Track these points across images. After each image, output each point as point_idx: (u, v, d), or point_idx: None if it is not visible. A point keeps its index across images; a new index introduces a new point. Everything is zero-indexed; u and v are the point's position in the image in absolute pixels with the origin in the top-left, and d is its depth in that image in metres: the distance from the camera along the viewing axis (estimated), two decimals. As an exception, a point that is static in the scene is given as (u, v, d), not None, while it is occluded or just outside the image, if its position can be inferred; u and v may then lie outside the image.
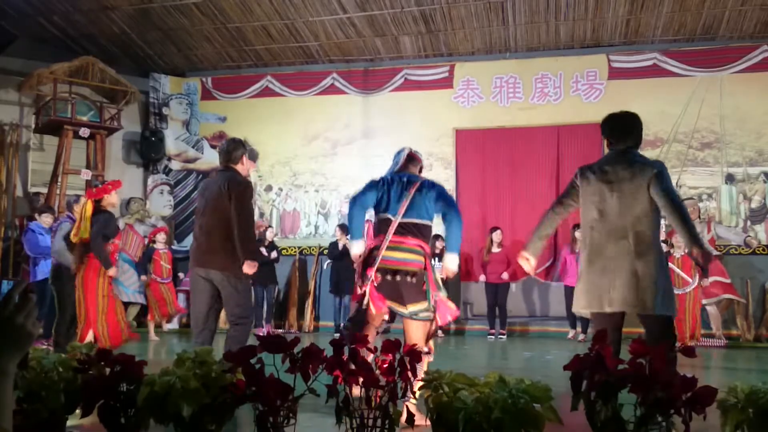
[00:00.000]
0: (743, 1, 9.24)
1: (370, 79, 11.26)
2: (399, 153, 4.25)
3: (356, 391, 2.53)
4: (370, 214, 4.20)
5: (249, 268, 4.60)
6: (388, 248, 3.89)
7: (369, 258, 3.94)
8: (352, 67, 11.36)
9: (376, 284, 3.83)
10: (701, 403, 2.08)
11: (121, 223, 9.10)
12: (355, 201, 4.13)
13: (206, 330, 4.66)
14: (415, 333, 3.87)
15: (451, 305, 4.00)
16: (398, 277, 3.86)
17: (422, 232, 3.98)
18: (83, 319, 6.26)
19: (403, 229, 3.92)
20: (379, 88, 11.20)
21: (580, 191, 3.81)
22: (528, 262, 4.03)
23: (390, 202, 3.99)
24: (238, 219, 4.56)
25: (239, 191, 4.62)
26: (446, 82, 10.94)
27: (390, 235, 3.90)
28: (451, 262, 4.09)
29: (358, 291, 3.92)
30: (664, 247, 4.21)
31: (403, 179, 4.06)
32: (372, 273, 3.83)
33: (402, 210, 3.93)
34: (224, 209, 4.58)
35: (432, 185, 4.06)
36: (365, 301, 3.82)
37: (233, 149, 4.86)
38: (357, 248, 4.03)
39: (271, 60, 11.57)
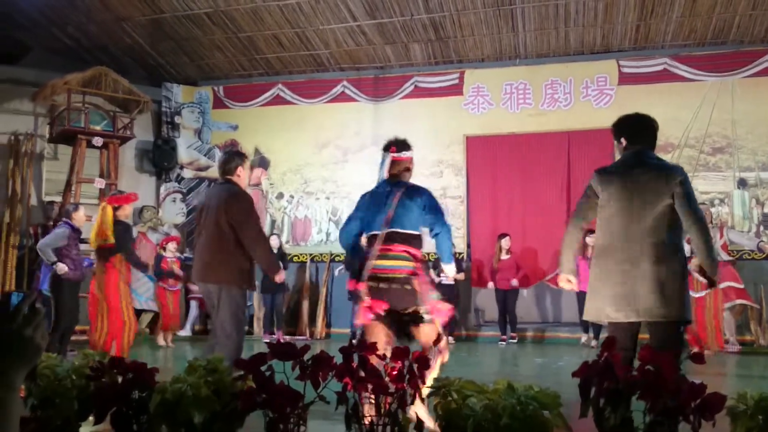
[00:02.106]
0: (754, 5, 9.22)
1: (380, 86, 11.30)
2: (382, 163, 4.19)
3: (367, 409, 2.53)
4: None
5: (278, 278, 4.82)
6: (377, 257, 3.89)
7: (360, 273, 3.94)
8: (362, 75, 11.40)
9: (368, 295, 3.85)
10: (710, 410, 2.08)
11: (134, 232, 9.18)
12: (341, 233, 4.20)
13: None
14: (426, 334, 3.87)
15: (443, 306, 3.96)
16: (390, 285, 3.85)
17: (408, 240, 3.95)
18: (107, 329, 6.33)
19: (390, 239, 3.91)
20: (389, 95, 11.24)
21: (599, 195, 3.69)
22: (571, 283, 3.88)
23: (375, 217, 3.99)
24: (245, 233, 4.58)
25: (237, 205, 4.63)
26: (456, 89, 10.96)
27: (378, 245, 3.91)
28: (450, 271, 4.16)
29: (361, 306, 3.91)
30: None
31: (386, 189, 4.05)
32: (364, 288, 3.85)
33: (387, 221, 3.92)
34: (222, 223, 4.58)
35: (417, 191, 4.03)
36: (363, 318, 3.84)
37: (227, 161, 4.87)
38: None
39: (282, 68, 11.64)
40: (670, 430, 2.12)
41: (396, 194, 3.98)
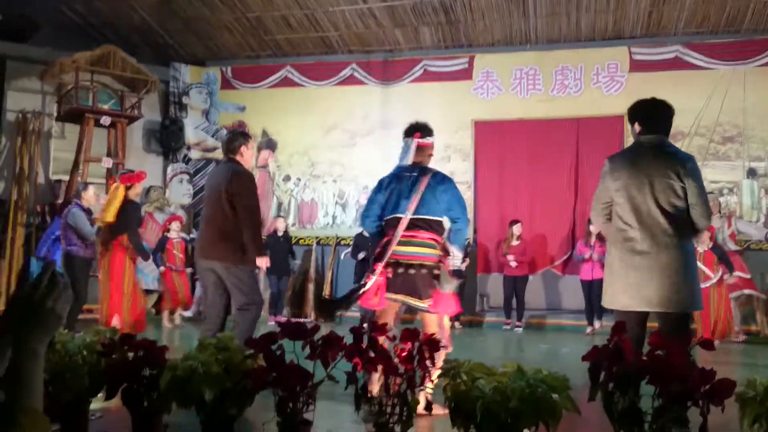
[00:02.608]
0: (768, -7, 9.13)
1: (389, 69, 11.25)
2: (407, 146, 4.15)
3: (375, 388, 2.55)
4: None
5: (261, 262, 4.69)
6: (400, 243, 3.89)
7: (379, 254, 3.95)
8: (371, 58, 11.35)
9: (387, 278, 3.85)
10: (719, 396, 2.09)
11: (141, 212, 9.21)
12: (365, 218, 4.20)
13: (215, 319, 4.73)
14: (432, 325, 3.89)
15: (451, 303, 3.96)
16: (411, 271, 3.86)
17: (433, 227, 3.96)
18: (107, 305, 6.38)
19: (414, 225, 3.91)
20: (398, 79, 11.19)
21: (611, 183, 3.67)
22: None
23: (399, 201, 3.98)
24: (242, 214, 4.60)
25: (238, 184, 4.64)
26: (466, 74, 10.91)
27: (400, 230, 3.89)
28: (457, 258, 4.07)
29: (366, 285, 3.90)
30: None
31: (412, 174, 4.03)
32: (379, 268, 3.84)
33: (412, 206, 3.91)
34: (223, 201, 4.62)
35: (443, 180, 4.04)
36: (360, 293, 3.85)
37: (230, 141, 4.89)
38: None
39: (290, 50, 11.59)
40: (679, 415, 2.13)
41: (423, 180, 3.98)
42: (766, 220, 9.68)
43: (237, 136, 4.97)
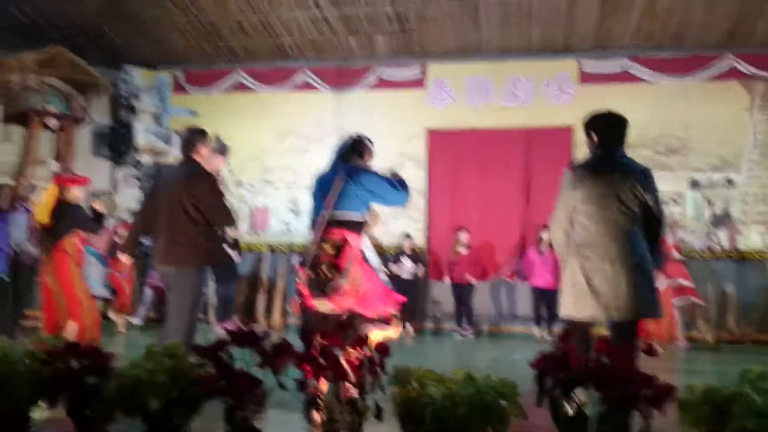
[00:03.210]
0: (709, 10, 9.43)
1: (343, 76, 11.26)
2: (341, 145, 4.23)
3: (323, 386, 2.55)
4: None
5: (236, 257, 4.67)
6: (318, 243, 3.93)
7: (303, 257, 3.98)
8: (325, 65, 11.34)
9: (304, 281, 3.87)
10: (661, 400, 2.15)
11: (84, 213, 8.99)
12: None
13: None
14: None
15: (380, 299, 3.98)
16: (322, 273, 3.87)
17: (348, 225, 3.95)
18: (63, 311, 6.18)
19: (329, 224, 3.94)
20: (352, 86, 11.21)
21: (569, 193, 3.73)
22: None
23: (319, 202, 4.04)
24: (215, 215, 4.53)
25: (203, 187, 4.56)
26: (419, 83, 10.99)
27: (319, 231, 3.92)
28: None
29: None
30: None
31: (331, 174, 4.08)
32: (303, 272, 3.87)
33: (329, 206, 3.93)
34: (183, 204, 4.50)
35: (357, 177, 4.02)
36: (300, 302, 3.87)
37: (188, 139, 4.79)
38: None
39: (244, 55, 11.50)
40: (623, 420, 2.18)
41: (338, 177, 4.02)
42: (708, 230, 9.99)
43: (194, 134, 4.84)
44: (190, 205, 4.50)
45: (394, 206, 4.19)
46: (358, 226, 4.00)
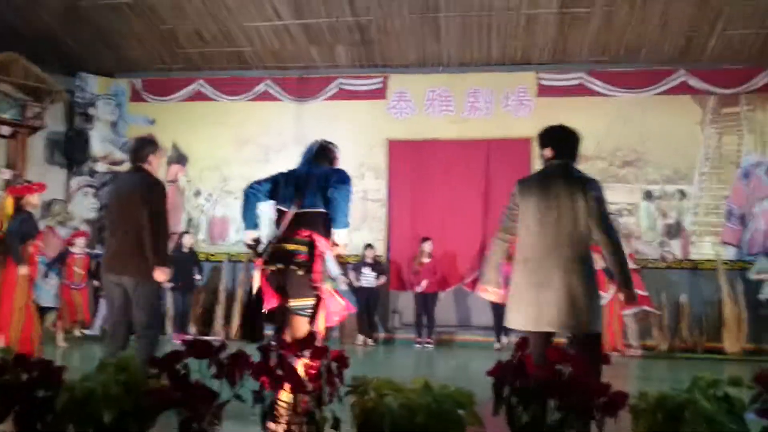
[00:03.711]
0: (663, 26, 9.70)
1: (304, 86, 11.25)
2: (311, 146, 4.19)
3: (283, 397, 2.53)
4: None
5: (161, 274, 4.44)
6: (281, 240, 3.86)
7: (264, 251, 3.91)
8: (286, 74, 11.32)
9: (266, 277, 3.82)
10: (614, 407, 2.18)
11: (41, 226, 8.80)
12: (250, 188, 4.12)
13: (120, 338, 4.52)
14: (300, 328, 3.78)
15: (340, 300, 3.93)
16: (287, 269, 3.81)
17: (314, 221, 3.88)
18: None
19: (297, 221, 3.87)
20: (313, 96, 11.21)
21: (519, 205, 3.75)
22: (493, 293, 3.92)
23: (288, 194, 3.96)
24: (150, 224, 4.42)
25: (150, 194, 4.49)
26: (380, 93, 11.04)
27: (284, 226, 3.88)
28: (339, 238, 3.92)
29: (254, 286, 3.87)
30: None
31: (306, 172, 4.03)
32: (260, 265, 3.83)
33: (299, 202, 3.89)
34: (135, 212, 4.43)
35: (336, 173, 3.98)
36: (255, 294, 3.81)
37: (139, 147, 4.69)
38: (246, 237, 4.09)
39: (203, 64, 11.41)
40: (582, 428, 2.21)
41: (313, 175, 3.98)
42: (661, 240, 10.21)
43: (145, 143, 4.75)
44: (141, 214, 4.43)
45: (336, 226, 3.96)
46: (321, 225, 3.94)
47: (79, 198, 11.24)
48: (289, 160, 11.35)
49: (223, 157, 11.31)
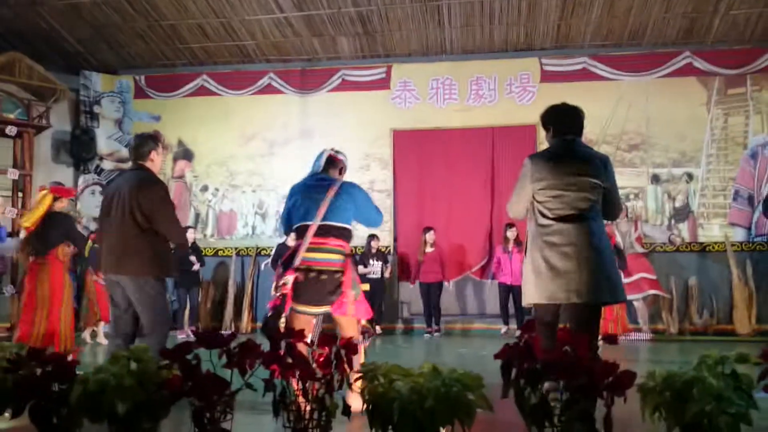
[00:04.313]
0: (667, 8, 9.64)
1: (307, 79, 11.25)
2: (319, 156, 4.27)
3: (293, 385, 2.56)
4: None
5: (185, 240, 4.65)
6: (309, 249, 3.94)
7: (289, 260, 3.97)
8: (289, 67, 11.32)
9: (298, 283, 3.90)
10: (621, 387, 2.20)
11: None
12: (283, 227, 4.36)
13: (122, 335, 4.52)
14: (350, 329, 3.96)
15: (361, 306, 4.09)
16: (323, 277, 3.92)
17: (343, 234, 4.05)
18: (45, 324, 6.16)
19: (324, 231, 3.97)
20: (316, 88, 11.20)
21: (532, 181, 3.75)
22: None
23: (308, 208, 4.02)
24: (160, 222, 4.42)
25: (150, 193, 4.45)
26: (383, 83, 11.03)
27: (309, 237, 3.94)
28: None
29: (274, 293, 3.98)
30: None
31: (322, 183, 4.09)
32: (291, 276, 3.89)
33: (321, 213, 3.96)
34: (132, 211, 4.39)
35: (350, 190, 4.11)
36: (282, 303, 3.88)
37: (140, 145, 4.65)
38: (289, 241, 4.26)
39: (206, 59, 11.43)
40: (588, 408, 2.23)
41: (332, 187, 4.04)
42: (669, 224, 10.19)
43: (147, 140, 4.69)
44: (139, 212, 4.40)
45: (370, 226, 4.42)
46: (348, 236, 4.09)
47: (87, 196, 11.29)
48: (295, 154, 11.44)
49: (229, 151, 11.34)
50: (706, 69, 10.25)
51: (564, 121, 3.84)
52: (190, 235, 10.15)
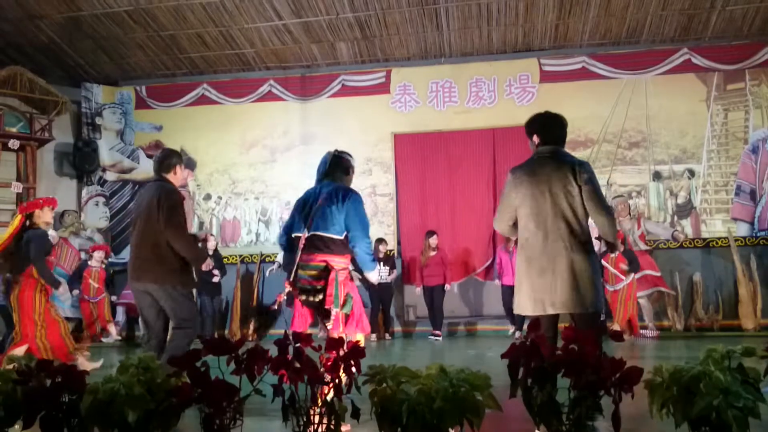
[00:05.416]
0: (664, 6, 9.66)
1: (307, 85, 11.28)
2: (323, 161, 4.18)
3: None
4: None
5: (205, 265, 4.93)
6: (300, 267, 3.92)
7: (289, 274, 3.98)
8: (289, 74, 11.36)
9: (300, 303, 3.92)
10: (629, 383, 2.21)
11: (55, 237, 8.88)
12: (280, 239, 4.30)
13: (158, 341, 4.64)
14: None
15: (356, 323, 3.98)
16: (311, 299, 3.91)
17: (330, 246, 3.92)
18: (19, 336, 6.12)
19: (311, 245, 3.90)
20: (316, 94, 11.23)
21: (514, 193, 3.84)
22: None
23: (300, 218, 4.00)
24: (170, 232, 4.52)
25: (166, 202, 4.57)
26: (383, 88, 11.05)
27: (299, 252, 3.90)
28: (373, 277, 4.20)
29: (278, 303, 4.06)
30: (597, 245, 4.36)
31: (316, 191, 4.04)
32: (295, 293, 3.90)
33: (309, 223, 3.89)
34: (155, 221, 4.55)
35: (345, 197, 3.97)
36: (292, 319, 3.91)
37: (164, 158, 4.84)
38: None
39: (206, 68, 11.47)
40: (594, 404, 2.24)
41: (322, 195, 3.99)
42: (672, 220, 10.19)
43: (172, 154, 4.91)
44: (157, 221, 4.54)
45: (354, 243, 4.04)
46: (341, 247, 3.99)
47: (91, 208, 11.32)
48: (296, 160, 11.45)
49: (230, 159, 11.37)
50: (705, 65, 10.26)
51: (546, 129, 3.90)
52: (211, 243, 10.11)
